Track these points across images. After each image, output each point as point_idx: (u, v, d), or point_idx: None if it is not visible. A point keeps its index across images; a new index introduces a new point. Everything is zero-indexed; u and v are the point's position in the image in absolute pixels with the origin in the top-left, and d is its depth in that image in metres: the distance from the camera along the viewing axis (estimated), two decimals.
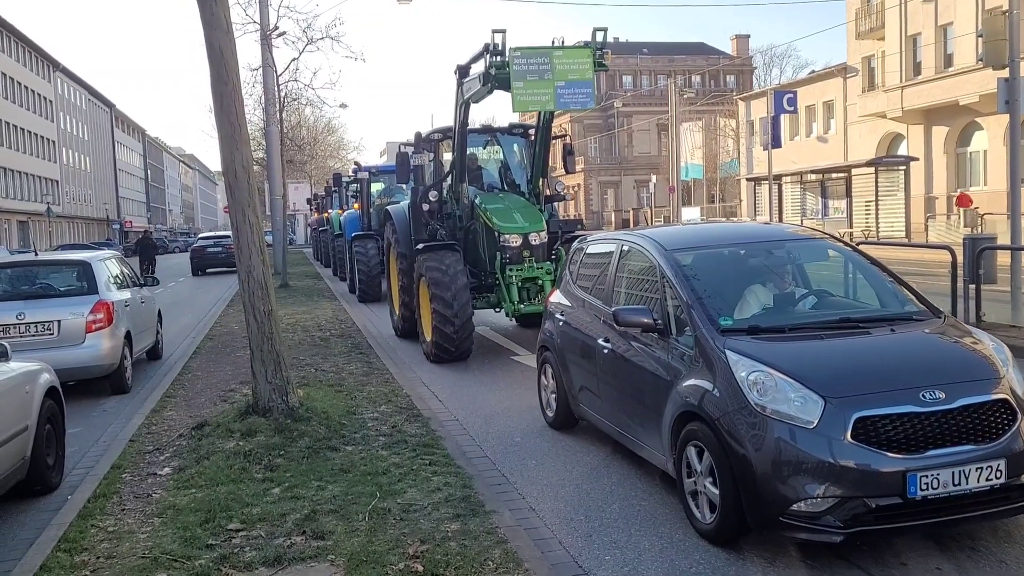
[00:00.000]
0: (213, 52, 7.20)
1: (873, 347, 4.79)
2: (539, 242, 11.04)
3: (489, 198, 11.67)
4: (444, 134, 12.44)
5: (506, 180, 12.51)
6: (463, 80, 10.91)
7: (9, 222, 65.40)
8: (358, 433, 7.08)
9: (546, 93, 9.69)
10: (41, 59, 74.97)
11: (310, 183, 56.01)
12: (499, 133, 12.71)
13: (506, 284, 10.89)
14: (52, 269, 10.68)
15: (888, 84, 37.40)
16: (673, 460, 5.00)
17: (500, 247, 10.95)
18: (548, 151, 11.90)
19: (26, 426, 5.89)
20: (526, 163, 12.43)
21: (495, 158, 12.79)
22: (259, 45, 24.58)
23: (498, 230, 10.94)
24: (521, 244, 10.94)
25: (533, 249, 11.00)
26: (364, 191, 21.74)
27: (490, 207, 11.26)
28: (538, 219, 11.19)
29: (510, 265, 10.91)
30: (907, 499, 4.08)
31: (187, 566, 4.49)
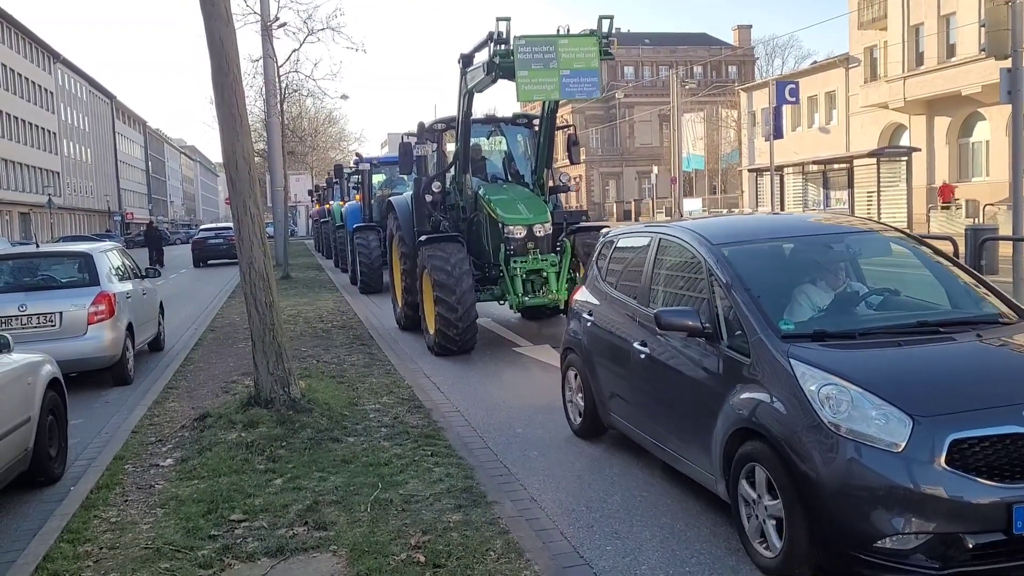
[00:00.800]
0: (214, 43, 7.19)
1: (962, 355, 4.23)
2: (544, 233, 10.90)
3: (493, 189, 11.52)
4: (447, 124, 12.27)
5: (510, 171, 12.35)
6: (467, 69, 10.77)
7: (10, 214, 65.41)
8: (360, 424, 7.10)
9: (551, 82, 9.57)
10: (42, 50, 74.85)
11: (311, 175, 55.95)
12: (503, 123, 12.53)
13: (510, 276, 10.76)
14: (54, 261, 10.69)
15: (890, 74, 37.30)
16: (726, 483, 4.48)
17: (504, 239, 10.79)
18: (552, 141, 11.76)
19: (28, 417, 5.91)
20: (530, 154, 12.29)
21: (499, 149, 12.60)
22: (260, 36, 24.53)
23: (502, 221, 10.79)
24: (526, 236, 10.78)
25: (538, 241, 10.85)
26: (365, 182, 21.67)
27: (494, 198, 11.09)
28: (543, 210, 11.05)
29: (514, 257, 10.76)
30: (1012, 535, 3.57)
31: (190, 556, 4.50)
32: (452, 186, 11.98)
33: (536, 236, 10.83)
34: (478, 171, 12.01)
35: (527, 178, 12.13)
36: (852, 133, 42.23)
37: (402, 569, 4.23)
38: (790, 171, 38.91)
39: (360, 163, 22.83)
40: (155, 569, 4.35)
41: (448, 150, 12.40)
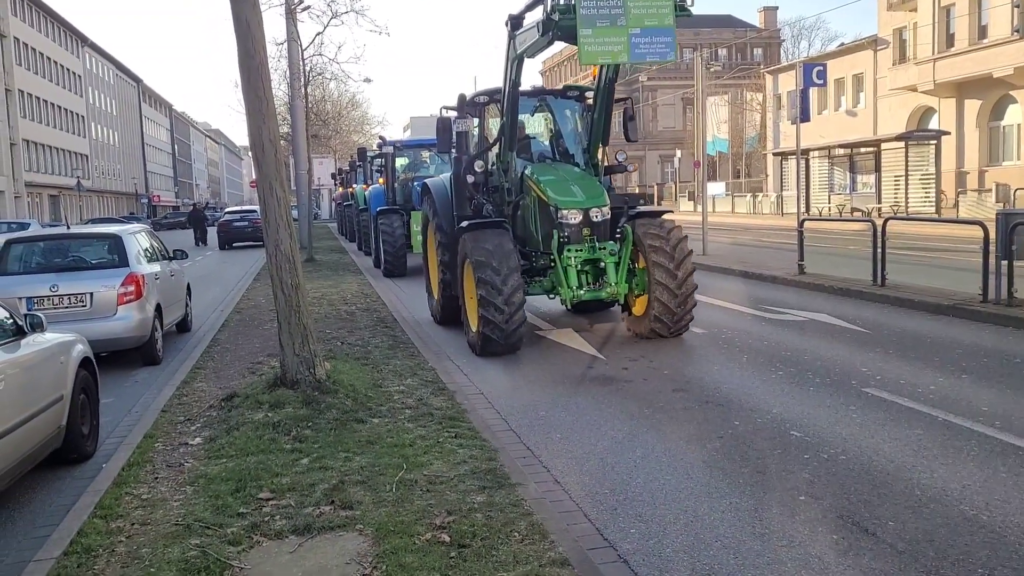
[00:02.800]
0: (240, 26, 7.22)
1: None
2: (601, 219, 9.74)
3: (542, 169, 10.30)
4: (491, 97, 11.08)
5: (558, 149, 11.09)
6: (515, 32, 9.66)
7: (40, 196, 66.27)
8: (384, 406, 7.16)
9: (619, 43, 8.38)
10: (70, 34, 75.51)
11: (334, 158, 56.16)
12: (551, 96, 11.23)
13: (564, 267, 9.66)
14: (84, 242, 10.84)
15: (920, 56, 36.70)
16: None
17: (557, 224, 9.66)
18: (610, 115, 10.52)
19: (61, 395, 6.02)
20: (581, 130, 11.08)
21: (546, 125, 11.46)
22: (284, 19, 24.60)
23: (555, 205, 9.65)
24: (581, 221, 9.63)
25: (594, 227, 9.70)
26: (389, 166, 21.63)
27: (543, 179, 9.93)
28: (599, 192, 9.86)
29: (569, 245, 9.65)
30: None
31: (219, 533, 4.58)
32: (496, 166, 10.88)
33: (593, 222, 9.69)
34: (523, 150, 10.94)
35: (577, 157, 10.92)
36: (880, 116, 41.67)
37: (427, 549, 4.28)
38: (816, 155, 38.53)
39: (384, 146, 22.76)
40: (186, 545, 4.44)
41: (491, 126, 11.33)
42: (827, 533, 4.50)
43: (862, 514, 4.72)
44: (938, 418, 6.46)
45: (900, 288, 12.33)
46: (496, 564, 4.11)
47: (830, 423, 6.46)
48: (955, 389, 7.29)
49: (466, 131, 10.93)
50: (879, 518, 4.66)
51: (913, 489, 5.07)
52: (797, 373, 8.13)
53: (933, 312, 11.00)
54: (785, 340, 9.78)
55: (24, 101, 62.92)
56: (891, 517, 4.67)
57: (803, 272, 14.57)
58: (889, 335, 9.75)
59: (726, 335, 10.15)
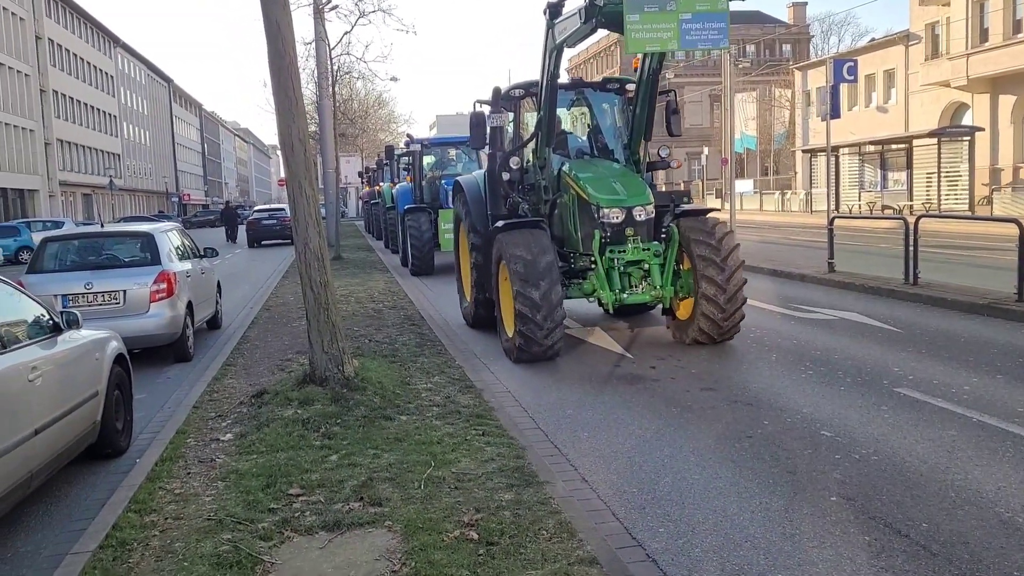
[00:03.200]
0: (270, 26, 7.29)
1: None
2: (645, 217, 9.22)
3: (580, 165, 9.82)
4: (527, 90, 10.40)
5: (596, 145, 10.51)
6: (554, 21, 9.25)
7: (74, 195, 67.36)
8: (412, 403, 7.20)
9: (668, 29, 7.95)
10: (103, 35, 76.65)
11: (361, 156, 56.48)
12: (589, 89, 10.66)
13: (605, 269, 9.17)
14: (117, 240, 11.00)
15: (953, 51, 36.14)
16: None
17: (599, 224, 9.14)
18: (654, 108, 9.88)
19: (96, 391, 6.12)
20: (621, 125, 10.50)
21: (583, 120, 10.89)
22: (312, 19, 24.79)
23: (596, 203, 9.13)
24: (624, 220, 9.10)
25: (638, 226, 9.19)
26: (416, 164, 21.50)
27: (583, 176, 9.44)
28: (642, 190, 9.31)
29: (611, 246, 9.15)
30: None
31: (250, 528, 4.64)
32: (532, 163, 10.36)
33: (636, 220, 9.16)
34: (559, 146, 10.44)
35: (617, 153, 10.35)
36: (911, 112, 41.10)
37: (455, 546, 4.30)
38: (846, 151, 38.13)
39: (411, 144, 22.52)
40: (218, 539, 4.49)
41: (527, 121, 10.71)
42: (859, 534, 4.46)
43: (895, 515, 4.67)
44: (972, 419, 6.37)
45: (933, 287, 12.16)
46: (524, 562, 4.12)
47: (861, 423, 6.39)
48: (990, 390, 7.18)
49: (501, 126, 10.45)
50: (912, 519, 4.61)
51: (947, 491, 5.00)
52: (828, 372, 8.05)
53: (967, 311, 10.84)
54: (815, 339, 9.69)
55: (58, 101, 63.96)
56: (924, 519, 4.61)
57: (833, 270, 14.42)
58: (922, 334, 9.63)
59: (755, 334, 10.07)
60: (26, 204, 56.97)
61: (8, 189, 52.74)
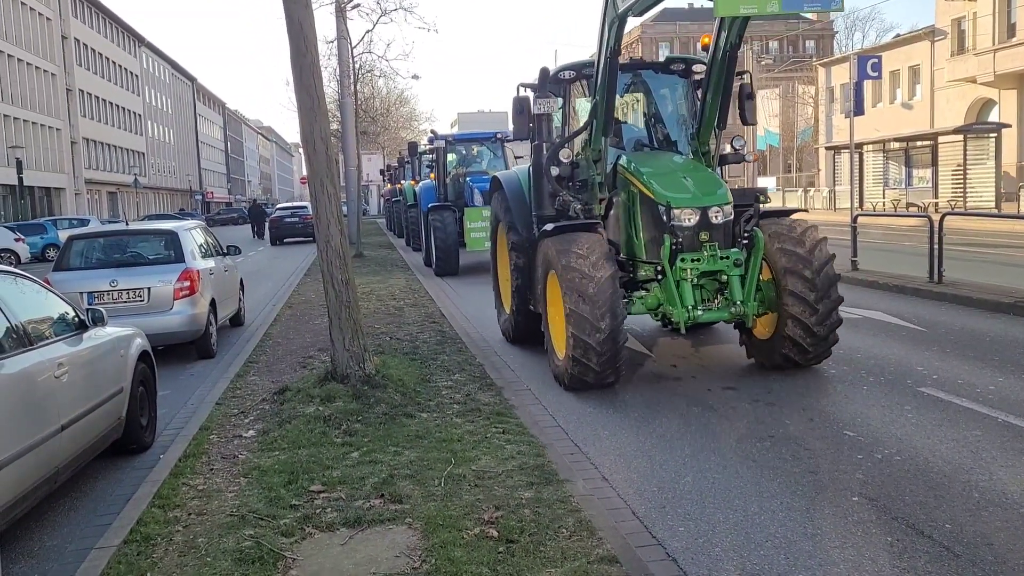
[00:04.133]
0: (292, 26, 7.34)
1: None
2: (722, 219, 7.79)
3: (641, 159, 8.43)
4: (578, 72, 9.04)
5: (656, 135, 9.12)
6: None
7: (99, 193, 68.17)
8: (432, 401, 7.22)
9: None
10: (128, 35, 77.45)
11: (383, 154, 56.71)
12: (649, 71, 9.20)
13: (676, 280, 7.71)
14: (141, 238, 11.11)
15: (979, 47, 35.68)
16: None
17: (668, 227, 7.69)
18: (730, 91, 8.41)
19: (121, 388, 6.20)
20: (685, 112, 9.16)
21: (639, 107, 9.44)
22: (334, 17, 24.90)
23: (666, 203, 7.72)
24: (698, 223, 7.69)
25: (713, 230, 7.75)
26: (440, 161, 20.78)
27: (645, 170, 8.08)
28: (718, 187, 7.94)
29: (683, 253, 7.68)
30: None
31: (272, 524, 4.68)
32: (583, 156, 9.01)
33: (712, 223, 7.73)
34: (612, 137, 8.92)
35: (681, 144, 9.00)
36: (937, 109, 40.62)
37: (475, 543, 4.31)
38: (870, 148, 37.75)
39: (435, 140, 21.61)
40: (240, 535, 4.54)
41: (578, 107, 9.36)
42: (881, 535, 4.42)
43: (917, 516, 4.63)
44: (997, 419, 6.30)
45: (958, 285, 12.02)
46: (544, 560, 4.12)
47: (884, 423, 6.34)
48: (1015, 390, 7.09)
49: (548, 113, 9.03)
50: (935, 520, 4.57)
51: (971, 491, 4.95)
52: (850, 371, 7.99)
53: (992, 310, 10.70)
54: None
55: (84, 100, 64.73)
56: (948, 520, 4.57)
57: (856, 268, 14.29)
58: (946, 333, 9.52)
59: None
60: (52, 202, 57.72)
61: (35, 187, 53.47)
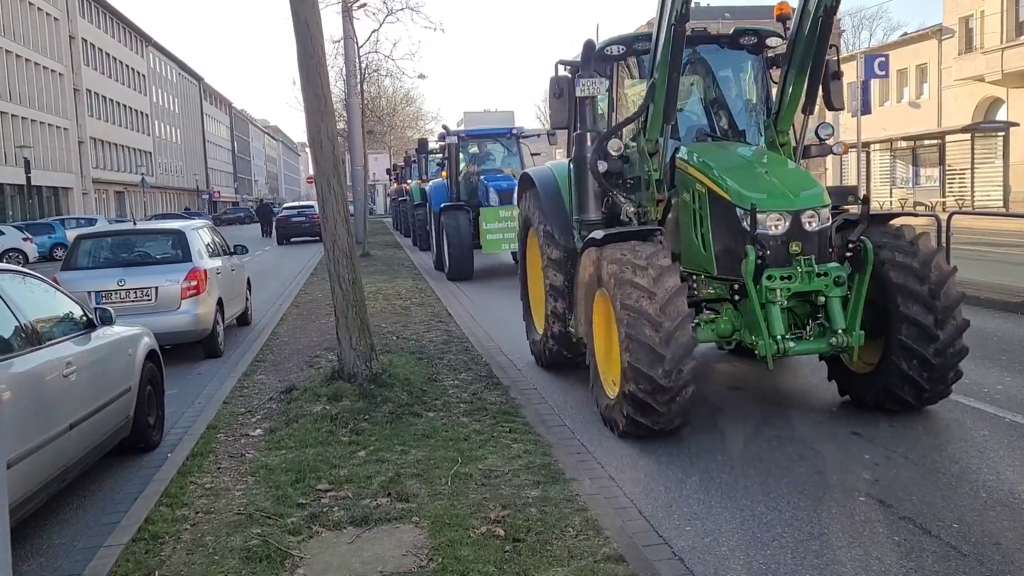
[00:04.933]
0: (299, 25, 7.35)
1: None
2: (818, 226, 6.18)
3: (706, 151, 6.87)
4: (628, 47, 7.40)
5: (719, 123, 7.47)
6: None
7: (107, 192, 68.37)
8: (439, 400, 7.24)
9: None
10: (135, 35, 77.65)
11: (389, 154, 56.75)
12: (712, 46, 7.50)
13: (762, 303, 6.07)
14: (149, 238, 11.17)
15: (987, 45, 35.52)
16: None
17: (750, 236, 6.05)
18: (821, 67, 6.82)
19: (129, 387, 6.23)
20: (755, 94, 7.62)
21: (697, 89, 7.74)
22: (340, 17, 24.94)
23: (750, 205, 6.05)
24: (788, 230, 6.11)
25: (807, 240, 6.15)
26: (452, 158, 19.22)
27: (715, 164, 6.53)
28: (811, 185, 6.41)
29: (770, 269, 6.04)
30: None
31: (280, 523, 4.70)
32: (633, 148, 7.36)
33: (805, 232, 6.14)
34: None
35: (750, 135, 7.46)
36: (944, 107, 40.45)
37: (482, 542, 4.32)
38: (877, 147, 37.69)
39: (447, 136, 19.88)
40: (248, 534, 4.56)
41: (629, 90, 7.76)
42: (888, 534, 4.42)
43: (924, 516, 4.62)
44: (1004, 419, 6.28)
45: (965, 284, 11.96)
46: (551, 559, 4.13)
47: (891, 423, 6.32)
48: (1022, 389, 7.07)
49: (593, 96, 7.39)
50: (942, 520, 4.56)
51: (978, 491, 4.94)
52: None
53: (1000, 310, 10.67)
54: None
55: (91, 100, 64.92)
56: (955, 519, 4.56)
57: None
58: None
59: None
60: (60, 202, 57.92)
61: (43, 187, 53.66)
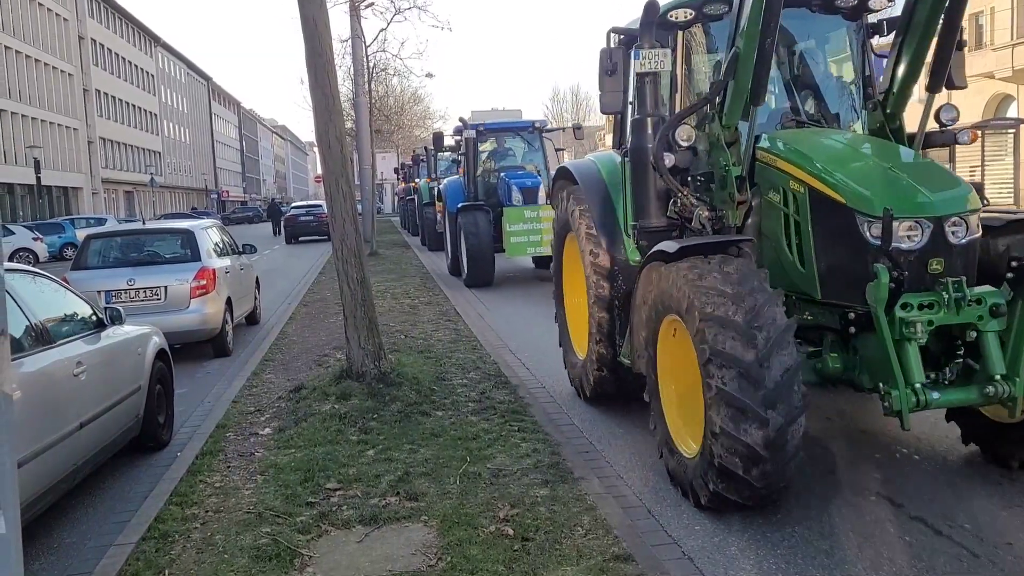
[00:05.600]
0: (307, 25, 7.36)
1: None
2: (965, 239, 4.79)
3: (801, 138, 5.52)
4: (698, 11, 5.88)
5: (805, 105, 6.09)
6: None
7: (116, 192, 68.67)
8: (448, 399, 7.23)
9: None
10: (144, 35, 77.94)
11: (397, 153, 56.78)
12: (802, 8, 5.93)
13: (896, 339, 4.64)
14: (158, 237, 11.20)
15: (997, 42, 35.33)
16: None
17: (884, 253, 4.68)
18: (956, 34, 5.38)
19: (139, 386, 6.25)
20: (854, 68, 6.25)
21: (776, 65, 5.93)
22: (348, 16, 24.94)
23: (883, 211, 4.65)
24: (926, 244, 4.73)
25: (951, 255, 4.76)
26: (471, 153, 17.46)
27: (818, 155, 5.17)
28: (953, 184, 5.03)
29: (907, 295, 4.66)
30: None
31: (289, 522, 4.70)
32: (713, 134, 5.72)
33: (950, 245, 4.76)
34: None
35: (845, 118, 6.16)
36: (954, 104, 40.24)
37: (491, 541, 4.32)
38: None
39: (465, 129, 17.88)
40: (257, 532, 4.56)
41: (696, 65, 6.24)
42: (899, 534, 4.39)
43: (936, 515, 4.60)
44: None
45: None
46: (560, 558, 4.13)
47: None
48: None
49: (655, 73, 5.85)
50: (954, 520, 4.53)
51: (990, 491, 4.91)
52: None
53: None
54: None
55: (101, 100, 65.20)
56: (967, 519, 4.53)
57: None
58: None
59: None
60: (70, 201, 58.18)
61: (53, 187, 53.88)
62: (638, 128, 6.05)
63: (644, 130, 5.99)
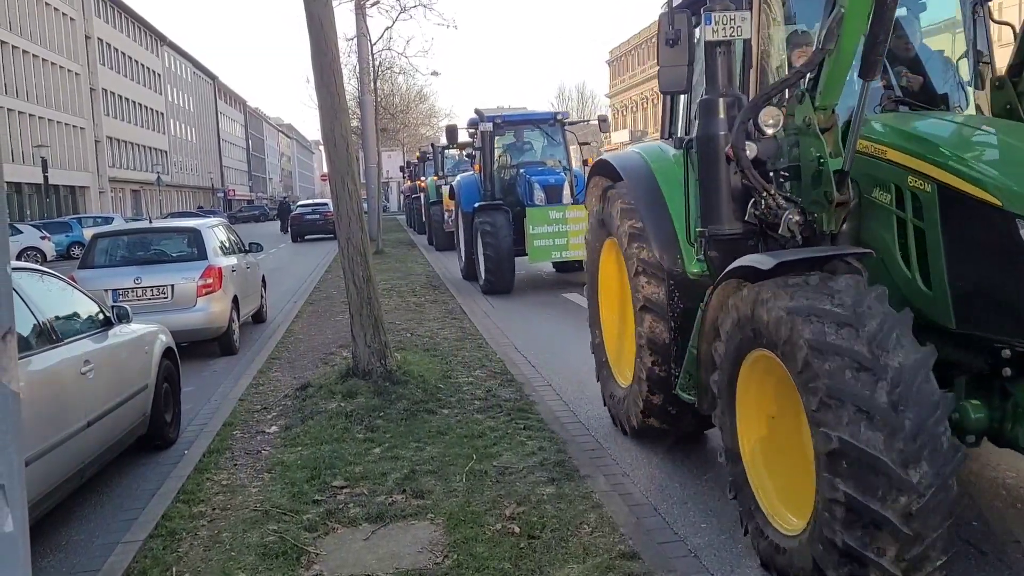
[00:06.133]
0: (313, 24, 7.37)
1: None
2: None
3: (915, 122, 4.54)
4: None
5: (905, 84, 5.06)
6: None
7: (123, 191, 68.89)
8: (453, 397, 7.24)
9: None
10: (150, 34, 78.14)
11: (403, 151, 56.82)
12: None
13: None
14: (165, 236, 11.24)
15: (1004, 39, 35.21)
16: None
17: None
18: None
19: (146, 384, 6.27)
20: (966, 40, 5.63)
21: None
22: (354, 14, 24.97)
23: None
24: None
25: None
26: (487, 147, 15.98)
27: (951, 144, 4.11)
28: None
29: None
30: None
31: (296, 519, 4.72)
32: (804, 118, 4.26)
33: None
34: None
35: (953, 97, 5.31)
36: None
37: (497, 539, 4.32)
38: None
39: (481, 122, 16.38)
40: (264, 530, 4.58)
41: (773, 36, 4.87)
42: None
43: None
44: None
45: None
46: (566, 556, 4.13)
47: None
48: None
49: (729, 42, 4.61)
50: (962, 518, 4.49)
51: (998, 489, 4.89)
52: None
53: None
54: None
55: (107, 99, 65.39)
56: (974, 517, 4.51)
57: None
58: None
59: None
60: (77, 201, 58.38)
61: (60, 186, 54.10)
62: (708, 110, 4.69)
63: (716, 113, 4.66)
